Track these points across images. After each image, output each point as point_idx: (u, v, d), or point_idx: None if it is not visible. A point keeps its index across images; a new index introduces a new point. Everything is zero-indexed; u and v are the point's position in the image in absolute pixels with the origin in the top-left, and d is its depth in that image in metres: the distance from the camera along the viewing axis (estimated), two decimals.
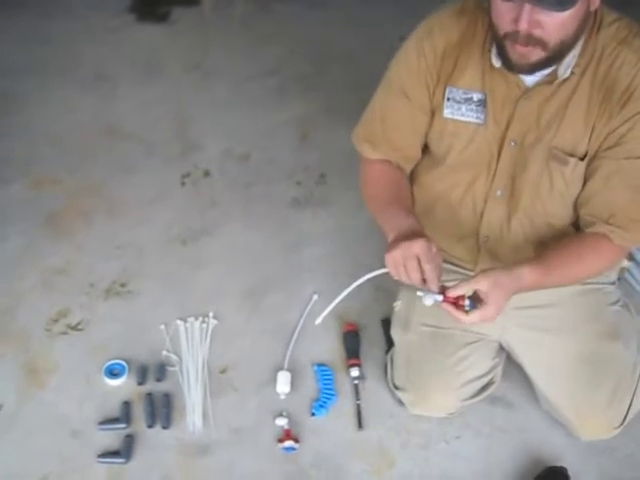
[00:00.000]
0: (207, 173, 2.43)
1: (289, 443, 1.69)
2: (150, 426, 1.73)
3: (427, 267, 1.35)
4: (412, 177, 1.73)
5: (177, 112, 2.68)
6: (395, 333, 1.76)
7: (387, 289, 1.88)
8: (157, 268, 2.11)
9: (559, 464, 1.67)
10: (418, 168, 1.70)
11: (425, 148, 1.66)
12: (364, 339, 1.94)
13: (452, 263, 1.72)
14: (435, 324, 1.67)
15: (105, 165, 2.47)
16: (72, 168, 2.45)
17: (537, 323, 1.65)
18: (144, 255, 2.15)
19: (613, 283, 1.72)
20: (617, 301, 1.70)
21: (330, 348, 1.92)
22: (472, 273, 1.69)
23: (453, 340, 1.66)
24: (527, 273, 1.40)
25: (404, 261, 1.36)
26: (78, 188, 2.38)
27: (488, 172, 1.56)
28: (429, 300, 1.40)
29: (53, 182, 2.40)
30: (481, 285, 1.36)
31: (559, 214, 1.56)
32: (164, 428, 1.73)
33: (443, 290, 1.39)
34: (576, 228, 1.59)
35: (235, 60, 2.91)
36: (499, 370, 1.74)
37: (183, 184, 2.39)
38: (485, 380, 1.70)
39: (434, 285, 1.36)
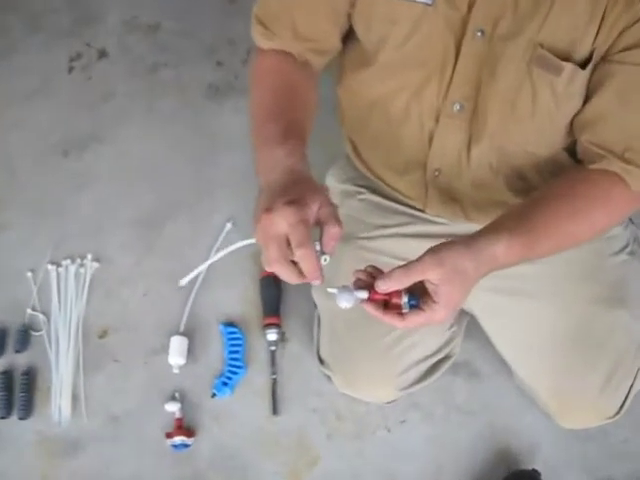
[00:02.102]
0: (103, 53, 1.88)
1: (180, 439, 1.29)
2: (3, 417, 1.34)
3: (298, 254, 0.79)
4: (338, 74, 1.19)
5: None
6: (316, 294, 1.30)
7: None
8: (28, 190, 1.64)
9: (533, 454, 1.29)
10: (344, 62, 1.16)
11: (350, 33, 1.11)
12: (290, 286, 1.48)
13: (396, 200, 1.23)
14: None
15: None
16: None
17: (510, 284, 1.18)
18: (13, 172, 1.67)
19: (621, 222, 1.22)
20: (625, 247, 1.22)
21: (243, 300, 1.48)
22: (423, 215, 1.21)
23: None
24: (503, 249, 0.89)
25: (266, 246, 0.83)
26: None
27: (442, 76, 1.02)
28: (345, 299, 0.85)
29: None
30: (429, 274, 0.86)
31: (544, 142, 1.04)
32: (21, 419, 1.34)
33: (371, 278, 0.88)
34: (570, 153, 1.08)
35: None
36: (458, 341, 1.30)
37: (71, 70, 1.85)
38: (437, 357, 1.26)
39: (315, 277, 0.81)
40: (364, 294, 0.86)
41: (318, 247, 0.82)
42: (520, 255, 0.92)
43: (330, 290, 0.87)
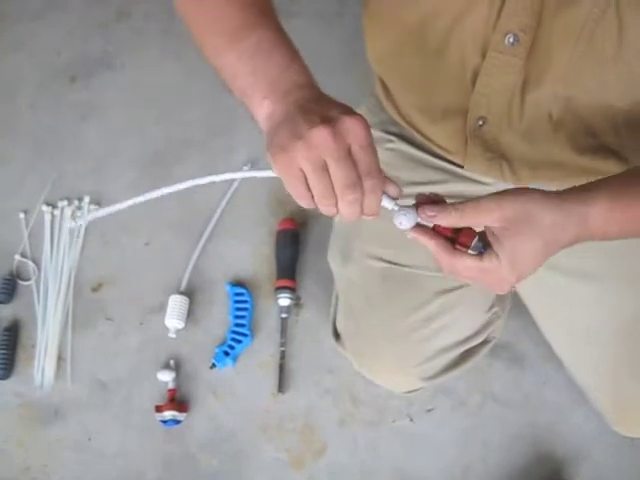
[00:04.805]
0: None
1: (170, 414, 1.14)
2: None
3: (370, 183, 0.60)
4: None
5: None
6: (332, 260, 1.10)
7: None
8: (27, 120, 1.46)
9: (579, 462, 1.11)
10: None
11: None
12: (311, 242, 1.29)
13: (431, 152, 1.00)
14: (390, 257, 1.00)
15: None
16: None
17: (570, 261, 0.95)
18: (12, 99, 1.49)
19: None
20: None
21: (255, 257, 1.29)
22: (463, 172, 0.98)
23: (418, 285, 0.99)
24: (600, 211, 0.66)
25: (303, 171, 0.61)
26: None
27: None
28: (406, 218, 0.66)
29: None
30: (485, 218, 0.65)
31: (629, 91, 0.79)
32: (0, 379, 1.19)
33: (429, 202, 0.67)
34: None
35: None
36: (499, 324, 1.08)
37: None
38: (471, 344, 1.06)
39: (378, 212, 0.63)
40: (428, 222, 0.66)
41: None
42: (620, 226, 0.69)
43: (386, 204, 0.65)
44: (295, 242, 1.26)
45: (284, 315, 1.22)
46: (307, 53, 1.47)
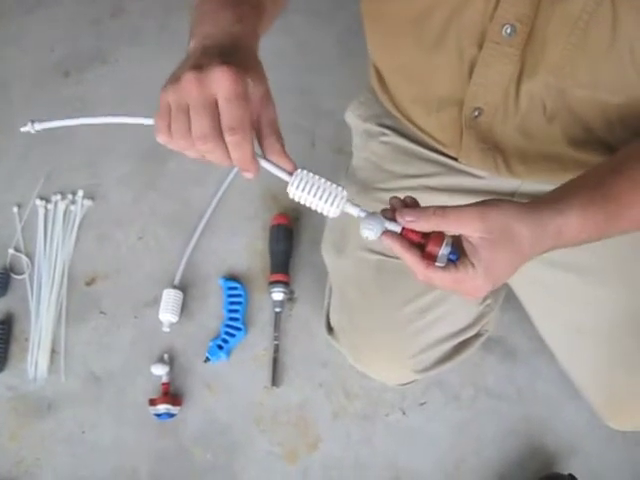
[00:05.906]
0: None
1: (164, 407, 1.13)
2: None
3: (231, 139, 0.59)
4: None
5: None
6: (326, 253, 1.10)
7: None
8: (21, 114, 1.45)
9: (571, 455, 1.09)
10: None
11: None
12: (304, 237, 1.29)
13: (426, 145, 1.00)
14: (383, 249, 1.00)
15: None
16: None
17: (564, 258, 0.95)
18: (6, 93, 1.49)
19: None
20: None
21: (249, 251, 1.29)
22: (458, 165, 0.98)
23: (413, 277, 0.98)
24: (573, 225, 0.67)
25: (194, 115, 0.60)
26: None
27: None
28: (371, 227, 0.65)
29: None
30: (467, 228, 0.64)
31: (621, 85, 0.79)
32: None
33: (404, 206, 0.67)
34: None
35: None
36: (492, 317, 1.09)
37: None
38: (465, 336, 1.06)
39: (247, 167, 0.61)
40: (396, 227, 0.66)
41: None
42: (593, 233, 0.70)
43: (351, 210, 0.65)
44: (289, 237, 1.26)
45: (278, 309, 1.22)
46: (303, 49, 1.49)
